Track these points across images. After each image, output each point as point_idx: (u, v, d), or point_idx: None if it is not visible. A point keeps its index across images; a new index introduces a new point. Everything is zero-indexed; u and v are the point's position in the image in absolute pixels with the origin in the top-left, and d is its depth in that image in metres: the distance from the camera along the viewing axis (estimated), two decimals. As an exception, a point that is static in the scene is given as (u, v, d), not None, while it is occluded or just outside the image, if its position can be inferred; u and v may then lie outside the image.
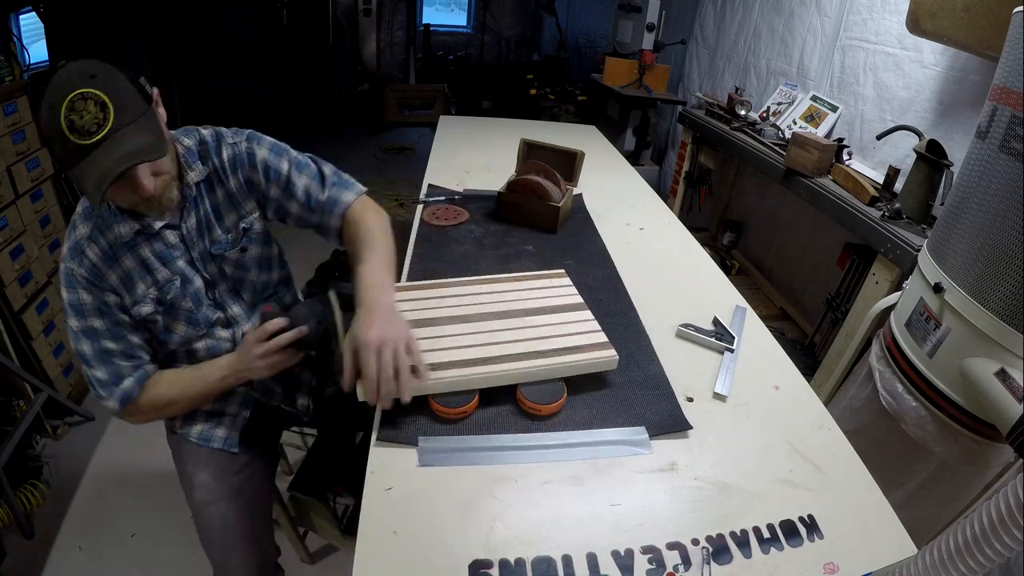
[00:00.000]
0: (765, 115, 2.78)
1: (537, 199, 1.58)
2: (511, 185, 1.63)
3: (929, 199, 1.73)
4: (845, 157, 2.17)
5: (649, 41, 3.64)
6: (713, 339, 1.14)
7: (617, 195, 1.92)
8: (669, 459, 0.86)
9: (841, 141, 2.19)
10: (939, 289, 1.10)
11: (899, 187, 1.89)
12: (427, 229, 1.53)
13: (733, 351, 1.12)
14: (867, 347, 1.47)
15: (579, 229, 1.63)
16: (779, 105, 2.75)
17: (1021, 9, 1.00)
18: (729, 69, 3.41)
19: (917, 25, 1.73)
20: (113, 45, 3.54)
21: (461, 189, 1.82)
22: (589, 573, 0.69)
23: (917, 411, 1.18)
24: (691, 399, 0.99)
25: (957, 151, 1.67)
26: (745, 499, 0.81)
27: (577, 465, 0.84)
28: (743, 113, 2.80)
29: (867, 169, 2.18)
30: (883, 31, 2.20)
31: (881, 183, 1.99)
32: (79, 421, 2.06)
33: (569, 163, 1.74)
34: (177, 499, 1.70)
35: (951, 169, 1.68)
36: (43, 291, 1.99)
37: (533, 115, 4.82)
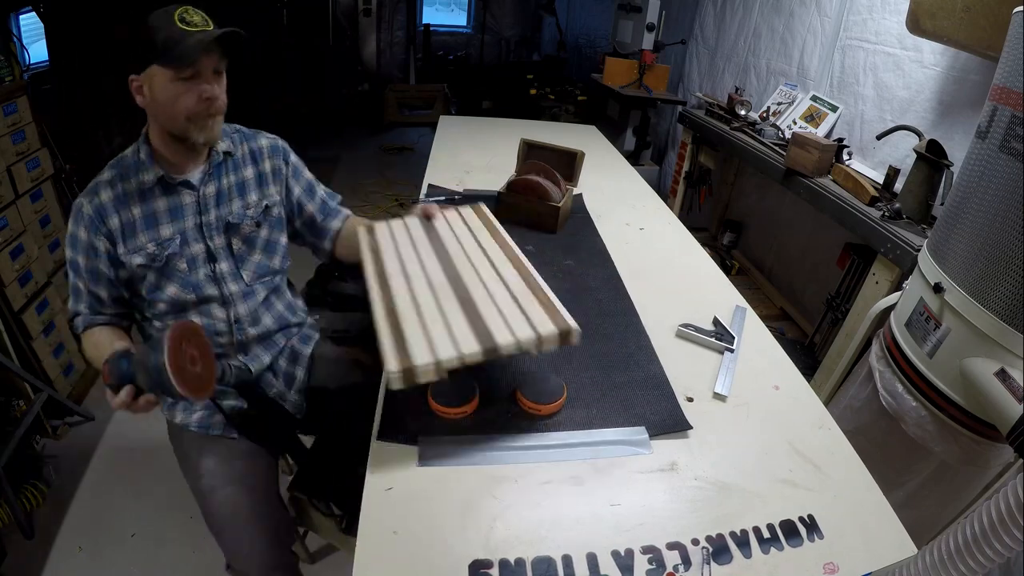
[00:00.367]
0: (765, 115, 2.78)
1: (537, 199, 1.58)
2: (511, 185, 1.63)
3: (929, 199, 1.73)
4: (845, 157, 2.17)
5: (649, 41, 3.64)
6: (713, 339, 1.14)
7: (617, 195, 1.92)
8: (669, 459, 0.86)
9: (841, 141, 2.19)
10: (939, 289, 1.10)
11: (899, 187, 1.89)
12: (427, 229, 1.53)
13: (733, 351, 1.12)
14: (867, 347, 1.47)
15: (579, 229, 1.63)
16: (779, 105, 2.75)
17: (1021, 9, 1.00)
18: (729, 69, 3.41)
19: (917, 25, 1.73)
20: (113, 45, 3.54)
21: (461, 189, 1.82)
22: (589, 573, 0.69)
23: (917, 411, 1.18)
24: (691, 399, 0.99)
25: (957, 151, 1.66)
26: (745, 499, 0.81)
27: (577, 465, 0.84)
28: (743, 113, 2.80)
29: (867, 169, 2.18)
30: (883, 31, 2.20)
31: (881, 183, 1.99)
32: (79, 421, 2.06)
33: (569, 163, 1.75)
34: (177, 499, 1.71)
35: (951, 169, 1.68)
36: (43, 291, 1.98)
37: (533, 115, 4.81)
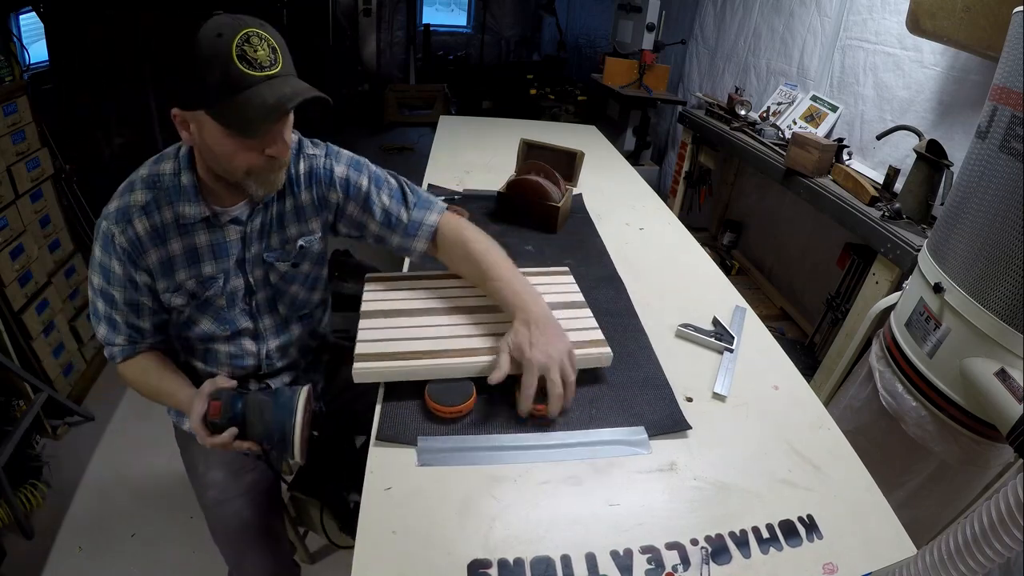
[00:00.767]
0: (765, 115, 2.78)
1: (537, 199, 1.58)
2: (511, 185, 1.63)
3: (929, 199, 1.73)
4: (845, 157, 2.17)
5: (649, 41, 3.64)
6: (713, 339, 1.14)
7: (617, 195, 1.92)
8: (668, 459, 0.86)
9: (841, 141, 2.19)
10: (939, 289, 1.10)
11: (899, 187, 1.89)
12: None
13: (733, 351, 1.12)
14: (867, 347, 1.46)
15: (579, 229, 1.63)
16: (779, 105, 2.75)
17: (1021, 9, 1.00)
18: (729, 69, 3.41)
19: (917, 25, 1.73)
20: (113, 45, 3.54)
21: (461, 189, 1.82)
22: (588, 573, 0.69)
23: (917, 411, 1.18)
24: (690, 399, 0.99)
25: (957, 151, 1.66)
26: (744, 499, 0.81)
27: (576, 465, 0.84)
28: (743, 113, 2.80)
29: (867, 169, 2.18)
30: (883, 31, 2.20)
31: (881, 183, 1.99)
32: (79, 421, 2.06)
33: (569, 163, 1.75)
34: (177, 499, 1.71)
35: (951, 169, 1.68)
36: (43, 291, 1.98)
37: (533, 115, 4.80)
